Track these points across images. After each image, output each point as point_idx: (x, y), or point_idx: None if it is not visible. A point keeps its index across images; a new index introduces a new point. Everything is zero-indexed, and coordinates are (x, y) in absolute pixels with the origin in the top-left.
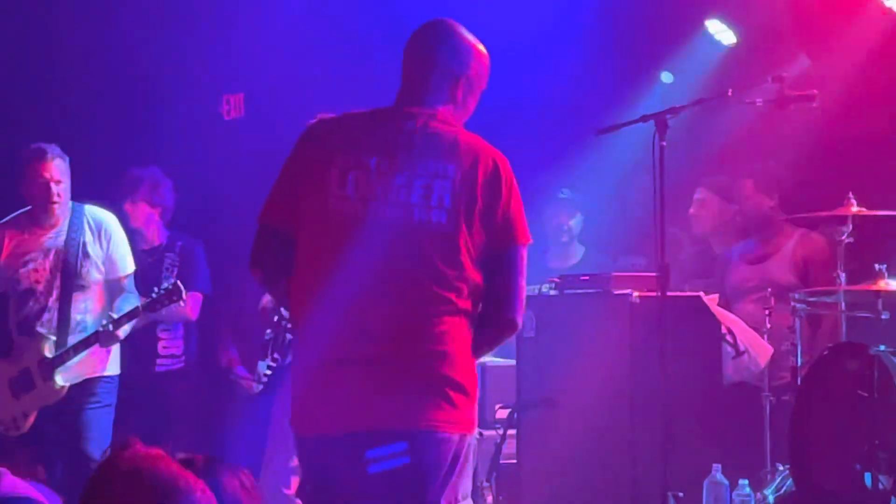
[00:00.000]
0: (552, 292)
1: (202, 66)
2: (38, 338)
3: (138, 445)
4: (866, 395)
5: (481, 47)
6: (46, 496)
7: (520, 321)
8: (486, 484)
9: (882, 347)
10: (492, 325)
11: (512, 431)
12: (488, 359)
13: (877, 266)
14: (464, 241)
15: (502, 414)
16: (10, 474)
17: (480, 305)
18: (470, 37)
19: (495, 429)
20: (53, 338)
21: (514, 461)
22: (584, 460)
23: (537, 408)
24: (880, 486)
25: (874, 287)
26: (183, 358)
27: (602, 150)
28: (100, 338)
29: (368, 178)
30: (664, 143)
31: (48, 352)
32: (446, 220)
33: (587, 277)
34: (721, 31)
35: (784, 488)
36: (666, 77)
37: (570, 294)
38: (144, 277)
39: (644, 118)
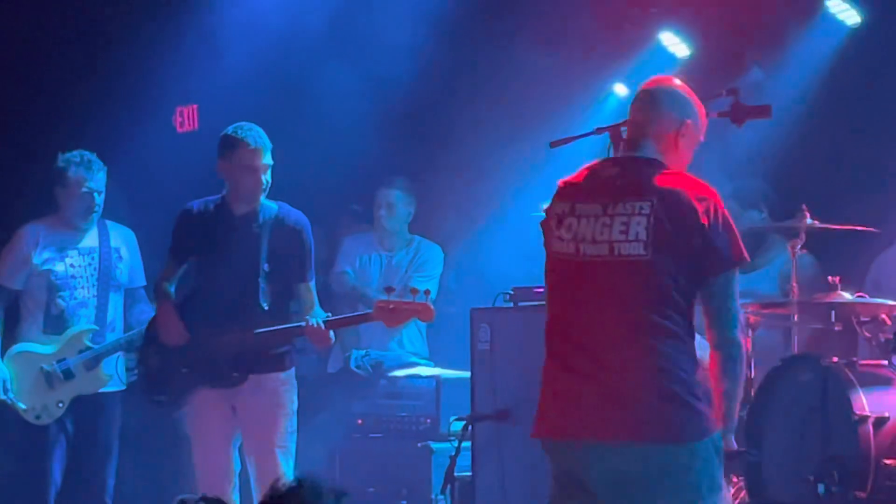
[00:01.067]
0: (507, 304)
1: (155, 79)
2: (80, 329)
3: None
4: (819, 406)
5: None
6: None
7: (739, 339)
8: (440, 497)
9: (835, 359)
10: (717, 346)
11: (467, 444)
12: (443, 371)
13: (829, 278)
14: (661, 269)
15: (457, 426)
16: None
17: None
18: (687, 91)
19: (450, 441)
20: (96, 327)
21: (469, 474)
22: (538, 473)
23: (492, 420)
24: (834, 499)
25: (827, 299)
26: None
27: (556, 163)
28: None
29: (579, 222)
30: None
31: (90, 342)
32: (643, 251)
33: (542, 289)
34: (675, 44)
35: (738, 501)
36: (620, 89)
37: (524, 306)
38: None
39: (598, 130)
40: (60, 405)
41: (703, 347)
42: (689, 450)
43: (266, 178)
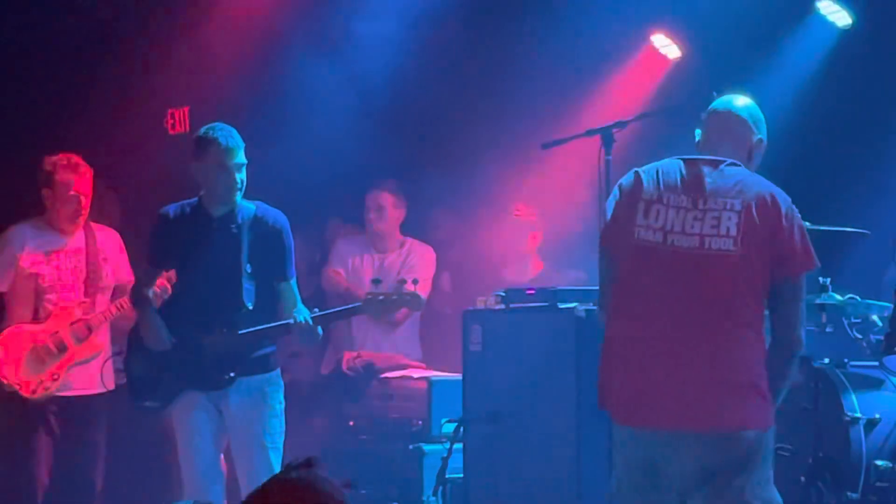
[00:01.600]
0: (498, 306)
1: (147, 81)
2: (69, 308)
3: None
4: (810, 408)
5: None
6: None
7: (804, 339)
8: (432, 498)
9: (826, 360)
10: (784, 345)
11: (458, 446)
12: (434, 373)
13: (820, 279)
14: (747, 265)
15: (449, 428)
16: None
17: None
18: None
19: (441, 443)
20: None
21: (461, 476)
22: (529, 474)
23: (484, 422)
24: (825, 500)
25: (818, 301)
26: None
27: (547, 164)
28: None
29: (667, 213)
30: (610, 157)
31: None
32: (733, 247)
33: (533, 291)
34: (666, 45)
35: None
36: (611, 90)
37: (516, 308)
38: None
39: (590, 132)
40: (56, 378)
41: None
42: (763, 437)
43: (240, 176)
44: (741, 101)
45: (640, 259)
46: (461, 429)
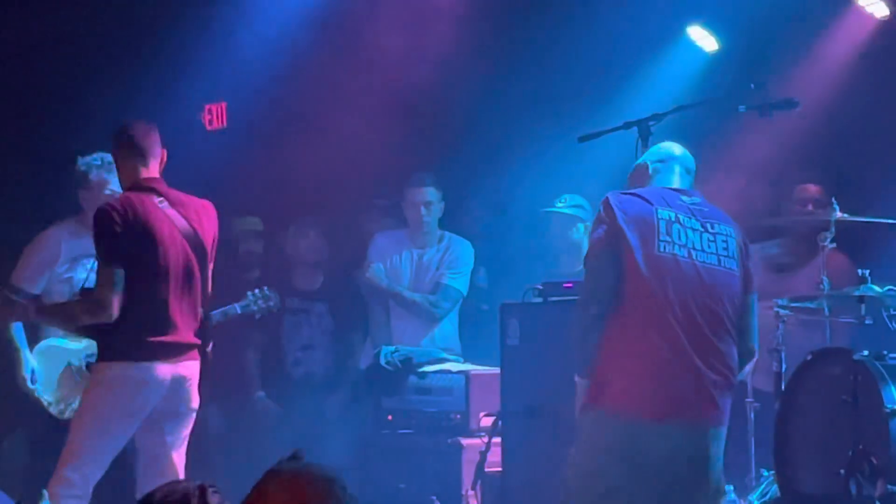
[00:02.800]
0: (536, 300)
1: (184, 76)
2: None
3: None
4: (850, 400)
5: None
6: None
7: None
8: (470, 492)
9: (865, 353)
10: (743, 353)
11: (497, 440)
12: (472, 367)
13: (860, 271)
14: (740, 283)
15: (487, 422)
16: None
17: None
18: None
19: (480, 437)
20: None
21: (499, 469)
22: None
23: (521, 416)
24: (864, 492)
25: (857, 293)
26: None
27: (584, 158)
28: None
29: (686, 232)
30: (647, 150)
31: None
32: (735, 267)
33: (570, 285)
34: (703, 38)
35: (769, 494)
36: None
37: (553, 301)
38: None
39: (627, 125)
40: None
41: None
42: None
43: None
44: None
45: (662, 269)
46: (499, 422)
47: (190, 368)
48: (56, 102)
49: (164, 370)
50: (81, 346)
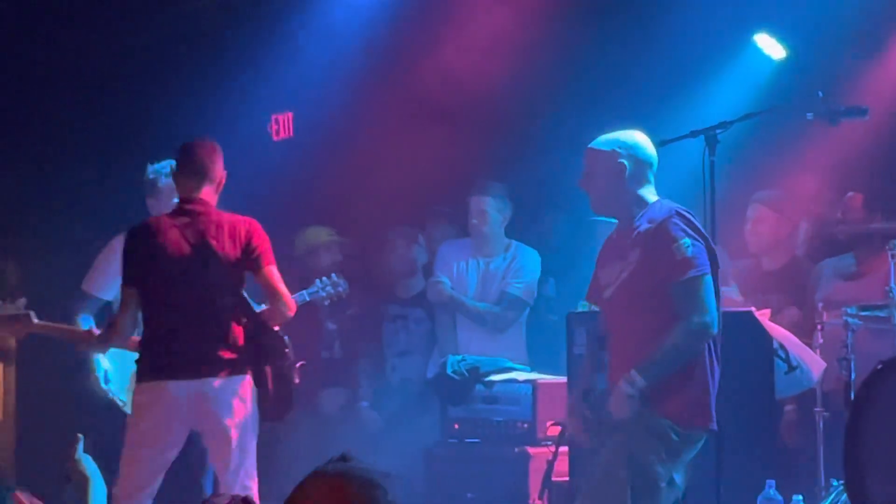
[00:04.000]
0: None
1: (251, 86)
2: None
3: None
4: None
5: None
6: None
7: None
8: (537, 502)
9: None
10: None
11: (564, 448)
12: (539, 375)
13: None
14: None
15: (554, 431)
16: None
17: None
18: None
19: (547, 446)
20: None
21: (566, 479)
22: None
23: None
24: None
25: None
26: None
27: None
28: None
29: None
30: (714, 159)
31: None
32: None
33: None
34: (770, 46)
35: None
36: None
37: None
38: None
39: (693, 133)
40: None
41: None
42: None
43: None
44: None
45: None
46: (566, 431)
47: (210, 384)
48: (129, 110)
49: (176, 389)
50: None
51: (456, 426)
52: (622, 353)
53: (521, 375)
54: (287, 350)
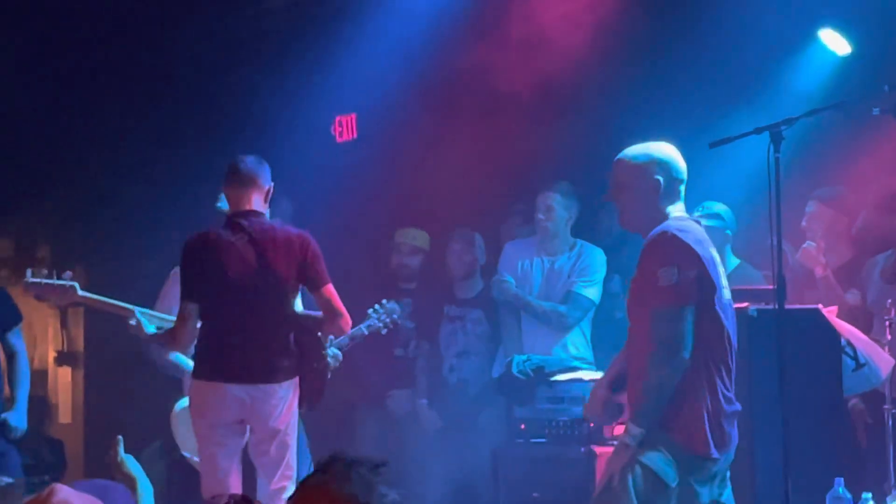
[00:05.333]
0: None
1: (315, 88)
2: None
3: None
4: None
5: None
6: (118, 502)
7: None
8: None
9: None
10: None
11: None
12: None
13: None
14: None
15: (620, 430)
16: (64, 490)
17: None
18: None
19: (613, 445)
20: None
21: None
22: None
23: None
24: None
25: None
26: None
27: (715, 164)
28: None
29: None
30: (779, 155)
31: None
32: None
33: None
34: (835, 41)
35: None
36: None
37: None
38: None
39: (758, 130)
40: None
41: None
42: None
43: None
44: None
45: (725, 315)
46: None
47: (262, 390)
48: (192, 115)
49: (233, 390)
50: None
51: (522, 426)
52: (631, 361)
53: (586, 375)
54: (323, 351)
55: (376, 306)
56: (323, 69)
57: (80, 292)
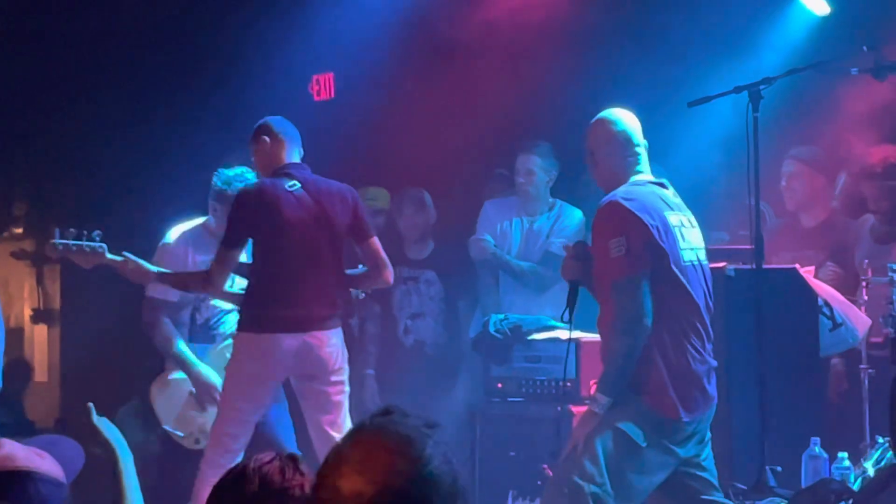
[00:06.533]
0: None
1: (292, 47)
2: (223, 345)
3: None
4: None
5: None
6: (66, 456)
7: None
8: None
9: None
10: None
11: None
12: (583, 334)
13: None
14: None
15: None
16: (9, 444)
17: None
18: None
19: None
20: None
21: None
22: None
23: None
24: None
25: None
26: None
27: (693, 124)
28: None
29: (686, 232)
30: (758, 114)
31: None
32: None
33: None
34: (813, 1)
35: (884, 461)
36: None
37: None
38: None
39: (737, 89)
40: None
41: None
42: None
43: None
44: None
45: (686, 277)
46: None
47: (319, 338)
48: (167, 74)
49: (288, 341)
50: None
51: (499, 385)
52: (601, 330)
53: (563, 334)
54: (352, 309)
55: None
56: (301, 28)
57: (109, 255)
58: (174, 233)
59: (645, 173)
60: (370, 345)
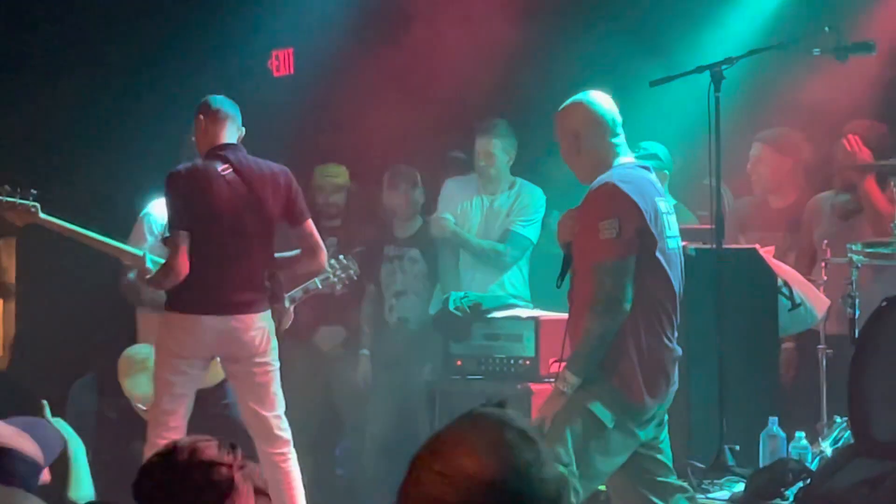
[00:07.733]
0: None
1: (251, 22)
2: None
3: None
4: None
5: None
6: (46, 438)
7: None
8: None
9: None
10: None
11: None
12: (543, 313)
13: None
14: None
15: (557, 368)
16: None
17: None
18: None
19: (549, 383)
20: None
21: None
22: None
23: None
24: None
25: None
26: None
27: (655, 103)
28: None
29: (667, 220)
30: (719, 95)
31: None
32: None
33: None
34: None
35: (842, 440)
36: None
37: None
38: None
39: (699, 69)
40: None
41: None
42: None
43: None
44: None
45: (669, 265)
46: None
47: (243, 321)
48: (126, 50)
49: (211, 322)
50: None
51: (459, 363)
52: (573, 308)
53: (523, 312)
54: (285, 295)
55: (332, 262)
56: (260, 2)
57: (42, 215)
58: (155, 205)
59: (628, 156)
60: (365, 325)
